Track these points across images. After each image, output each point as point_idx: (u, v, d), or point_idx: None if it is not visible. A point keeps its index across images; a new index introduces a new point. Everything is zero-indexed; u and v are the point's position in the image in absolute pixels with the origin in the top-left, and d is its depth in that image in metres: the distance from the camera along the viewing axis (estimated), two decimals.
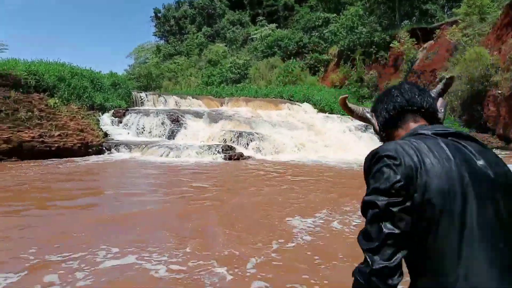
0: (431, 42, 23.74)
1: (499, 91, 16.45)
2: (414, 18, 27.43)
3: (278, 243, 3.94)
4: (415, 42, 24.06)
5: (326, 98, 21.66)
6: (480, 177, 0.96)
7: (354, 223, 4.77)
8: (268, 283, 2.99)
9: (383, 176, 0.97)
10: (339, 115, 19.62)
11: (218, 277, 3.08)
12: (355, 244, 1.15)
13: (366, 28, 26.27)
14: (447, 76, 1.35)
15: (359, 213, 4.43)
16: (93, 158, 11.28)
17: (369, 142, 16.50)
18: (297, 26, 35.74)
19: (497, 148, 15.30)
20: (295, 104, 20.65)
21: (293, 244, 3.93)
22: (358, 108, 1.34)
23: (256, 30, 38.71)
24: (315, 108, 20.77)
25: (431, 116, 1.18)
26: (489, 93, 17.34)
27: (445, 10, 27.76)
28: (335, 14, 32.40)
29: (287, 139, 14.37)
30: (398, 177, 0.94)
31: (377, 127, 1.28)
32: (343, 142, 15.20)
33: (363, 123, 13.88)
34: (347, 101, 1.34)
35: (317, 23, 33.37)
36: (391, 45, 24.85)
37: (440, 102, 1.24)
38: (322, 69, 29.85)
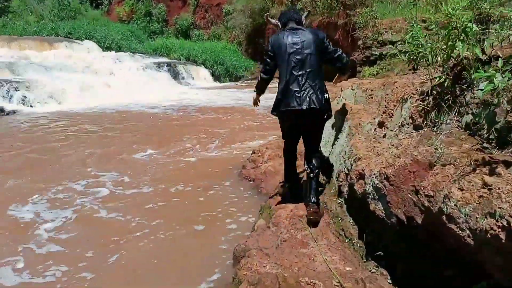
0: None
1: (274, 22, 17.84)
2: None
3: None
4: None
5: (112, 34, 19.33)
6: (295, 43, 2.90)
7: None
8: None
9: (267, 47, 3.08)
10: (130, 53, 17.83)
11: None
12: None
13: None
14: (307, 11, 3.54)
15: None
16: None
17: (165, 81, 15.67)
18: None
19: None
20: (75, 42, 17.59)
21: None
22: (275, 21, 3.28)
23: None
24: (100, 46, 18.25)
25: (297, 23, 3.06)
26: (268, 26, 18.65)
27: None
28: None
29: (67, 85, 12.02)
30: (270, 47, 3.01)
31: (280, 26, 3.16)
32: (136, 84, 13.86)
33: (158, 61, 17.25)
34: (268, 18, 3.46)
35: None
36: None
37: (304, 19, 3.17)
38: (106, 2, 26.44)
